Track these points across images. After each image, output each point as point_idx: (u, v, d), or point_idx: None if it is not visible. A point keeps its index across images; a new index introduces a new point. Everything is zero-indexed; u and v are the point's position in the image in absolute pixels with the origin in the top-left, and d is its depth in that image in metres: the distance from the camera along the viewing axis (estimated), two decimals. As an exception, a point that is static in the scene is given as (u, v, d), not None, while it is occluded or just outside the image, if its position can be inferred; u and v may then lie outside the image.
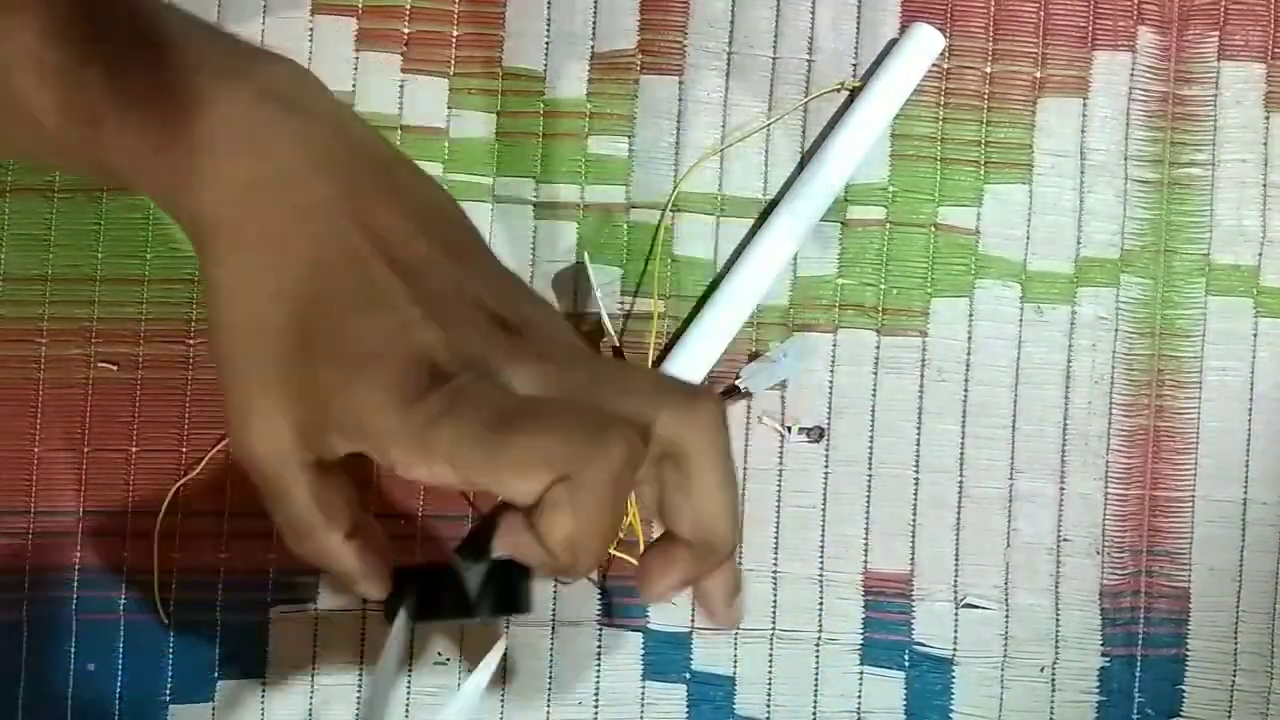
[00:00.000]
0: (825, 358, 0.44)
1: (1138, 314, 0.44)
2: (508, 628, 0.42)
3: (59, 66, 0.28)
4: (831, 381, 0.44)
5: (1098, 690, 0.44)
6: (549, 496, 0.26)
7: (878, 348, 0.44)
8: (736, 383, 0.42)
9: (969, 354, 0.44)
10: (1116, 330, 0.44)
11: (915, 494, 0.44)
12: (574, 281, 0.43)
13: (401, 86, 0.43)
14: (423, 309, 0.27)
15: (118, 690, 0.41)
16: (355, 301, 0.27)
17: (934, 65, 0.44)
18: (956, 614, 0.43)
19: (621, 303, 0.43)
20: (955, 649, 0.43)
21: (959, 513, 0.44)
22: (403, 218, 0.28)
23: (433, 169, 0.43)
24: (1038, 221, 0.44)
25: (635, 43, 0.44)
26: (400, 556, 0.31)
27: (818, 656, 0.43)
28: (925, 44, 0.43)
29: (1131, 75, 0.45)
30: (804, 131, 0.44)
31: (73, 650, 0.41)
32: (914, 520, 0.44)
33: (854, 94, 0.43)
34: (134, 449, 0.42)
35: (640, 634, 0.43)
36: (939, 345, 0.44)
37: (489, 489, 0.26)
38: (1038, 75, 0.44)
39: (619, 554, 0.42)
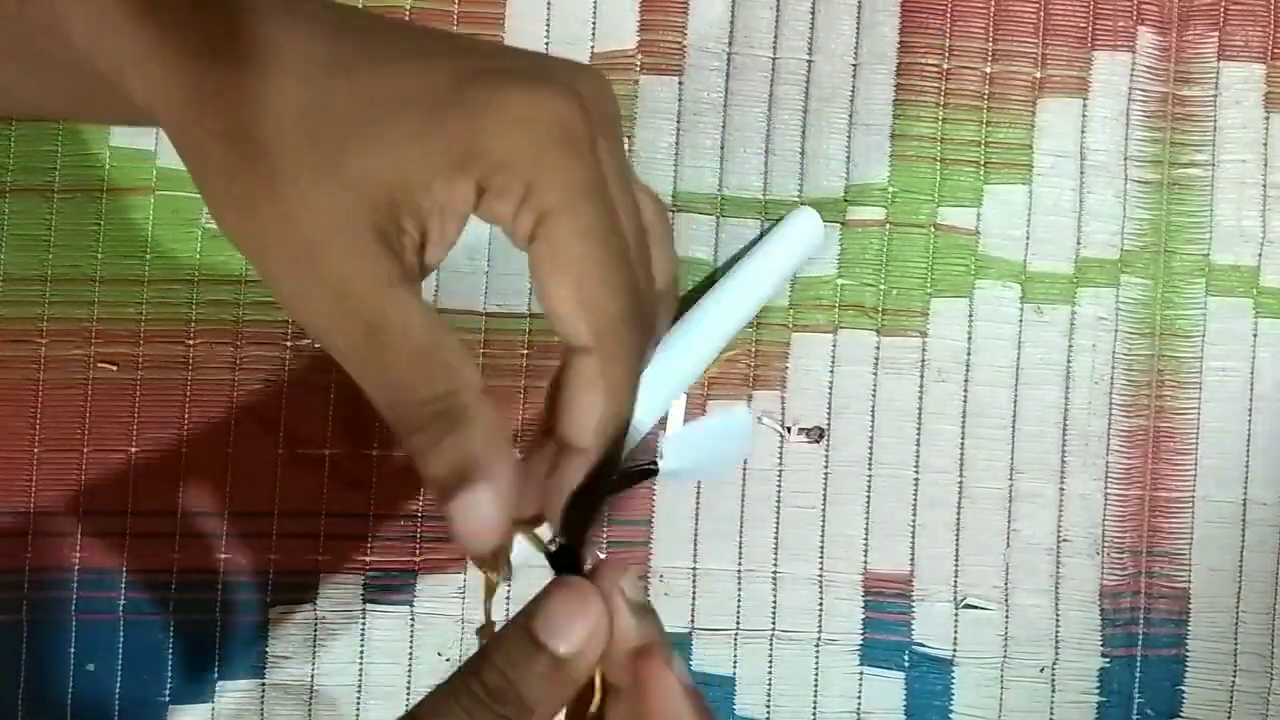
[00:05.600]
0: (825, 358, 0.44)
1: (1138, 314, 0.44)
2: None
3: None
4: (831, 382, 0.43)
5: (1098, 691, 0.44)
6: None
7: (877, 348, 0.44)
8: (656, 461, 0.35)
9: (969, 354, 0.44)
10: (1116, 331, 0.44)
11: (915, 494, 0.44)
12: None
13: (401, 87, 0.43)
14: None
15: (117, 690, 0.41)
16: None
17: (934, 65, 0.44)
18: (956, 614, 0.43)
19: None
20: (955, 649, 0.43)
21: (959, 513, 0.44)
22: None
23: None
24: (1037, 222, 0.44)
25: (635, 43, 0.44)
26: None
27: (817, 657, 0.43)
28: (805, 228, 0.43)
29: (1131, 75, 0.45)
30: (804, 132, 0.44)
31: (73, 650, 0.41)
32: (914, 520, 0.44)
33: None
34: (134, 449, 0.42)
35: (640, 634, 0.43)
36: (939, 346, 0.44)
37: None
38: (1038, 75, 0.44)
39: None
